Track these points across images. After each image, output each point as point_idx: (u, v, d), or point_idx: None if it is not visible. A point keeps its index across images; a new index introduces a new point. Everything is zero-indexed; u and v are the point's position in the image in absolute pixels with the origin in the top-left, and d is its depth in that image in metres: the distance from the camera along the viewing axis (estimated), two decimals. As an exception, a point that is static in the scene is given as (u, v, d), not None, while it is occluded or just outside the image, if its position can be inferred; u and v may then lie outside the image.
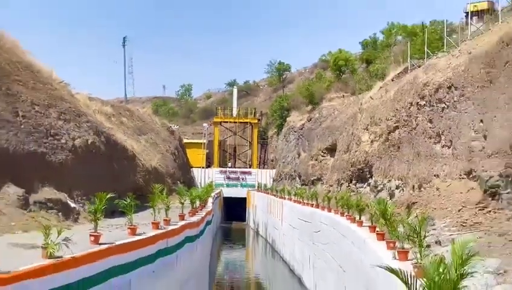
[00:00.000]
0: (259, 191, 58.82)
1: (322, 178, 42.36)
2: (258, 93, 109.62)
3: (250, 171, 69.23)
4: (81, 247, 10.85)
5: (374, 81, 40.35)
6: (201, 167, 66.08)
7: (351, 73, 61.51)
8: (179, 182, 41.81)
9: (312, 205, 30.07)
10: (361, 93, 42.76)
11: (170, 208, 19.22)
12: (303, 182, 47.76)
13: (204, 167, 66.89)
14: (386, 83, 32.90)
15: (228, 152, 78.55)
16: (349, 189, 31.43)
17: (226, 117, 76.01)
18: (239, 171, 69.48)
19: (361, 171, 30.44)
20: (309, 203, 31.50)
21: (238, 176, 67.72)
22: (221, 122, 74.65)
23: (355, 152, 31.90)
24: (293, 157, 56.24)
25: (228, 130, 77.69)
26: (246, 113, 76.75)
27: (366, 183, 29.71)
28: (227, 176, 67.20)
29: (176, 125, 68.31)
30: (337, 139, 39.49)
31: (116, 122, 35.53)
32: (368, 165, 29.26)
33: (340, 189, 33.60)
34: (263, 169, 71.99)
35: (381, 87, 33.06)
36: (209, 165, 69.57)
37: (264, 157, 79.46)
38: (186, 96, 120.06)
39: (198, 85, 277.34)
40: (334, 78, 64.10)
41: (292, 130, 60.08)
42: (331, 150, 41.61)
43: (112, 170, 25.70)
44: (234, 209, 63.87)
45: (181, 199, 22.72)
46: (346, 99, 48.72)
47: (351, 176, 32.36)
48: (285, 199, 40.39)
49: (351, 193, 28.35)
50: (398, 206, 19.44)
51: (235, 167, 72.99)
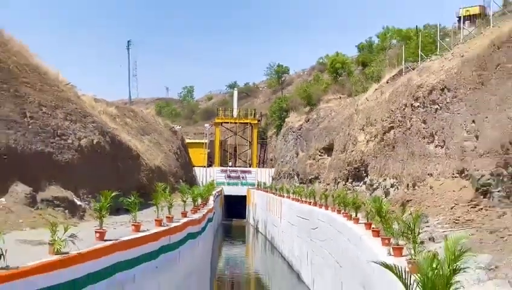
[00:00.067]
0: (258, 189, 59.09)
1: (319, 177, 42.48)
2: (258, 94, 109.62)
3: (250, 170, 69.50)
4: (87, 243, 11.00)
5: (370, 84, 40.21)
6: (202, 166, 66.47)
7: (348, 75, 61.49)
8: (181, 180, 41.81)
9: (310, 203, 30.19)
10: (357, 95, 42.97)
11: (173, 205, 19.31)
12: (301, 181, 47.86)
13: (206, 166, 67.21)
14: (382, 85, 32.92)
15: (229, 152, 78.86)
16: (346, 187, 31.51)
17: (227, 118, 76.41)
18: (239, 170, 69.76)
19: (357, 170, 30.60)
20: (307, 201, 31.62)
21: (239, 175, 68.00)
22: (222, 122, 75.25)
23: (351, 152, 32.05)
24: (292, 157, 56.35)
25: (229, 130, 78.06)
26: (246, 114, 77.12)
27: (362, 182, 29.86)
28: (227, 175, 67.47)
29: (179, 126, 68.32)
30: (334, 139, 39.64)
31: (120, 123, 35.37)
32: (364, 164, 29.41)
33: (337, 187, 33.68)
34: (263, 168, 72.09)
35: (376, 89, 33.10)
36: (210, 164, 69.79)
37: (263, 156, 79.78)
38: (188, 97, 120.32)
39: (200, 87, 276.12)
40: (331, 81, 64.10)
41: (291, 131, 60.23)
42: (328, 149, 41.77)
43: (117, 169, 25.75)
44: (234, 207, 64.32)
45: (183, 197, 22.73)
46: (342, 101, 48.92)
47: (347, 175, 32.47)
48: (284, 197, 40.53)
49: (347, 191, 28.35)
50: (393, 204, 19.48)
51: (236, 166, 73.32)
